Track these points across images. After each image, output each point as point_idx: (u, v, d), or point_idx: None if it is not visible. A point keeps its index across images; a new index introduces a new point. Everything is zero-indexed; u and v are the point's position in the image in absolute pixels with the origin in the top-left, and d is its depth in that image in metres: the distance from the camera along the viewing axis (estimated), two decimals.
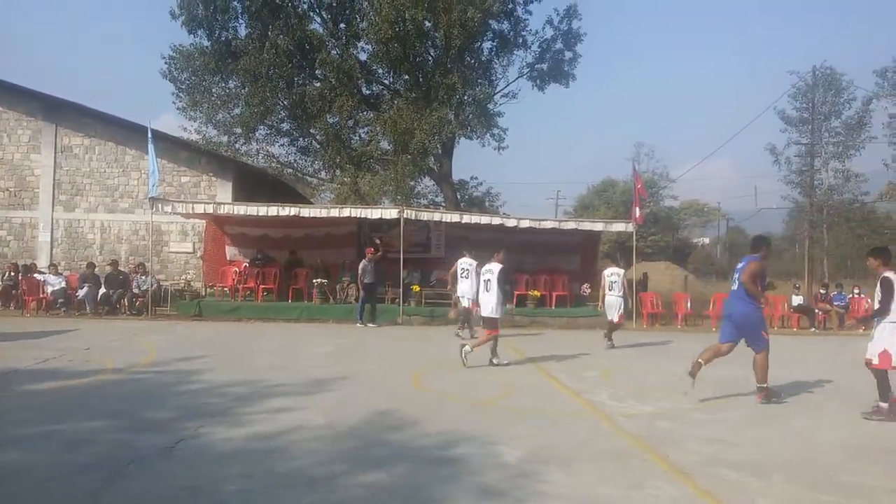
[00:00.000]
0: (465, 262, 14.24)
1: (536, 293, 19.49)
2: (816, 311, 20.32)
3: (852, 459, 6.11)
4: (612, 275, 13.82)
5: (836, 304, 20.60)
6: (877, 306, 7.88)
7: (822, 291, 21.73)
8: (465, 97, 23.78)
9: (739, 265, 8.70)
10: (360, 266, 17.27)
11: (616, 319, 13.85)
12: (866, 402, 8.79)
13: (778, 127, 25.70)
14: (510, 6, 24.62)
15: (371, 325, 17.14)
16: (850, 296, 20.97)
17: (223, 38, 24.79)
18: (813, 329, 19.56)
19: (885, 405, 7.70)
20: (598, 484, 5.28)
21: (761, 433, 7.04)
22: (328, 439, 6.37)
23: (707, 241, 74.02)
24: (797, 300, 20.52)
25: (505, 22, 25.05)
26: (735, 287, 8.55)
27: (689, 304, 20.26)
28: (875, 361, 7.74)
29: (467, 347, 10.86)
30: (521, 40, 25.38)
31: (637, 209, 19.17)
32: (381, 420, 7.18)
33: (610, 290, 13.68)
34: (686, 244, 64.06)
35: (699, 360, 8.54)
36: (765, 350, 8.45)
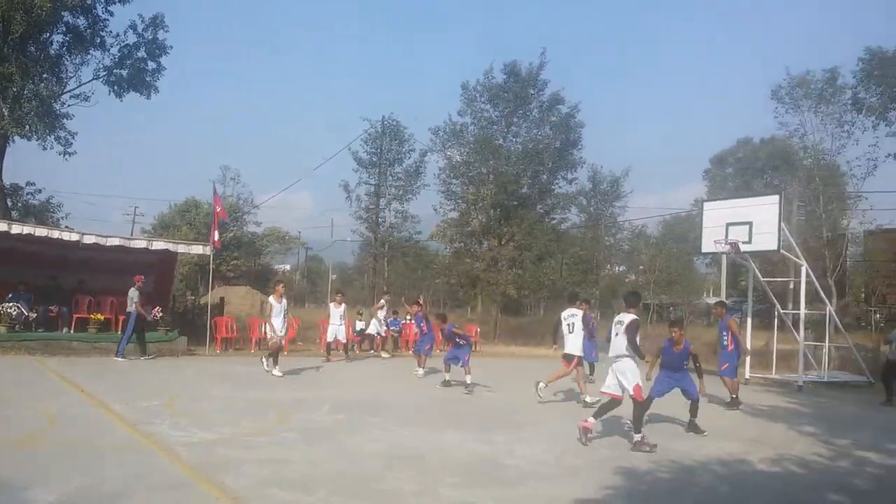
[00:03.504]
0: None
1: (100, 316, 17.79)
2: (375, 335, 22.48)
3: (388, 468, 6.87)
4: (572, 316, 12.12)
5: (391, 328, 23.07)
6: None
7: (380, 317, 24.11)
8: (25, 91, 20.78)
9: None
10: (131, 294, 16.11)
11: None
12: (405, 414, 10.02)
13: (352, 166, 28.10)
14: (89, 2, 22.42)
15: (144, 357, 16.08)
16: (403, 321, 23.67)
17: None
18: (372, 351, 21.59)
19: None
20: None
21: (314, 451, 7.48)
22: None
23: (288, 267, 76.66)
24: (360, 325, 22.44)
25: (81, 17, 22.70)
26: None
27: (262, 329, 20.59)
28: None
29: (541, 384, 11.51)
30: (99, 40, 23.25)
31: (216, 232, 18.93)
32: None
33: (571, 331, 11.90)
34: (267, 270, 65.32)
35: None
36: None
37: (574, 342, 11.72)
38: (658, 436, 9.26)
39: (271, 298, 14.35)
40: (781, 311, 17.98)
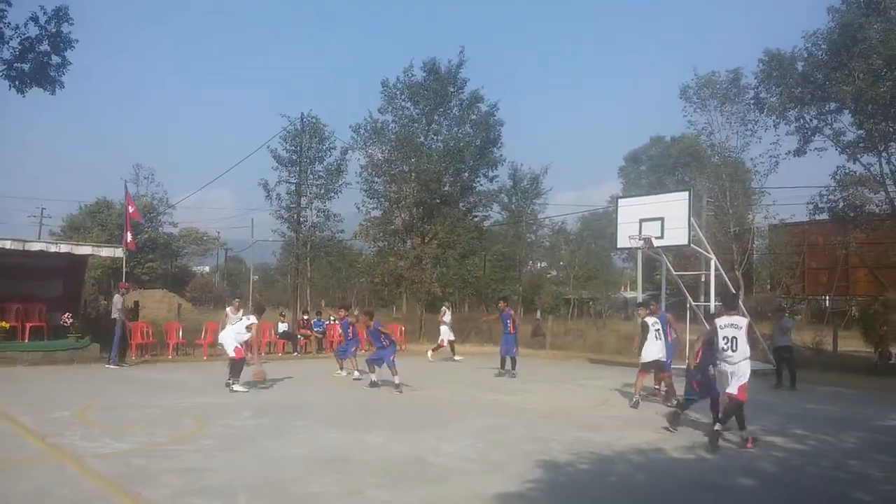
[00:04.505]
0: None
1: (4, 324, 16.89)
2: (299, 336, 22.20)
3: (311, 472, 6.81)
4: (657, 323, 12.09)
5: (315, 329, 22.83)
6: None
7: (304, 318, 23.83)
8: None
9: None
10: (116, 301, 16.59)
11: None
12: (329, 416, 9.94)
13: (271, 164, 27.48)
14: None
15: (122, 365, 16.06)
16: (328, 322, 23.44)
17: None
18: (295, 353, 21.31)
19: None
20: None
21: (234, 457, 7.34)
22: None
23: (207, 269, 74.60)
24: (283, 327, 22.10)
25: None
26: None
27: (181, 334, 20.03)
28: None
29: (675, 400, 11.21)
30: None
31: (129, 234, 18.27)
32: None
33: (658, 338, 11.90)
34: (185, 272, 63.41)
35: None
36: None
37: (661, 348, 11.85)
38: (576, 428, 9.52)
39: (228, 310, 16.14)
40: (693, 303, 18.73)
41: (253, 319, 12.99)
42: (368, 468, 6.99)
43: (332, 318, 22.79)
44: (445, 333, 20.81)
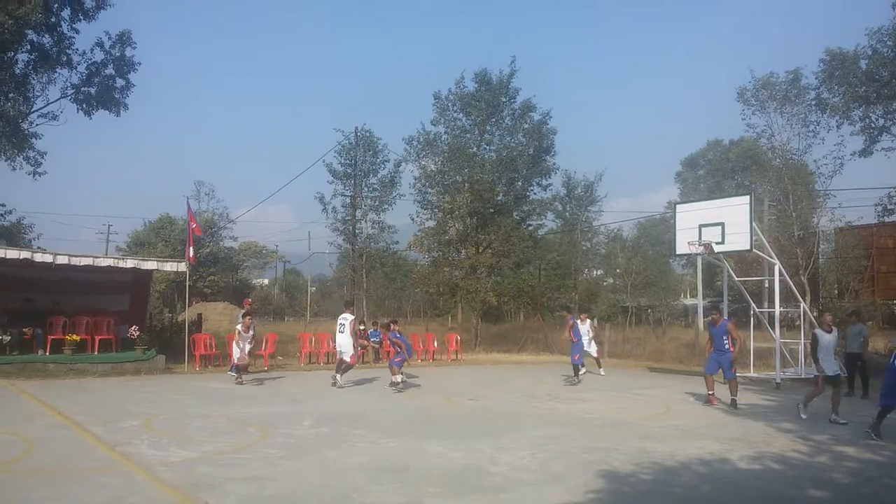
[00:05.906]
0: (340, 318, 15.19)
1: (76, 337, 17.54)
2: (357, 346, 22.41)
3: (372, 481, 6.85)
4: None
5: (372, 340, 23.03)
6: None
7: (361, 328, 24.04)
8: None
9: None
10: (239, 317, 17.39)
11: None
12: (387, 425, 9.99)
13: (326, 178, 27.96)
14: (53, 20, 22.19)
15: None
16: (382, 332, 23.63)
17: None
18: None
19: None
20: None
21: (296, 466, 7.44)
22: None
23: (266, 281, 76.20)
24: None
25: (46, 35, 22.46)
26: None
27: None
28: None
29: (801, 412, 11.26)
30: (65, 58, 23.02)
31: (190, 248, 18.78)
32: None
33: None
34: (246, 284, 64.87)
35: None
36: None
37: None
38: (637, 438, 9.34)
39: (238, 327, 16.05)
40: (757, 309, 18.20)
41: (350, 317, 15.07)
42: (428, 477, 6.99)
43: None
44: (588, 345, 18.73)
